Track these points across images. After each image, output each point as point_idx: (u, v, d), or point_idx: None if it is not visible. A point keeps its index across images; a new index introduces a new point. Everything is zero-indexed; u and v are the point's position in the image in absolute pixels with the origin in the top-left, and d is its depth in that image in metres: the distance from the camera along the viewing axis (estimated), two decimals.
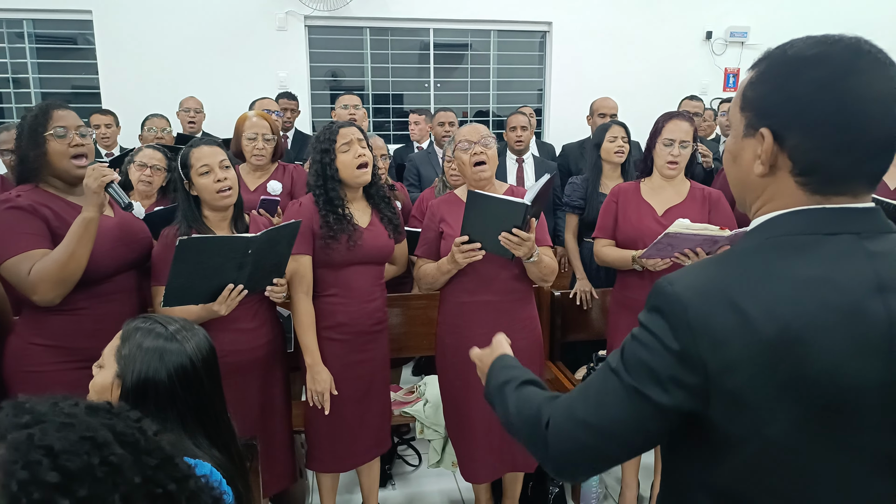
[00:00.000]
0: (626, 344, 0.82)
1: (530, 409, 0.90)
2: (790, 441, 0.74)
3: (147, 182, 2.67)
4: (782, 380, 0.72)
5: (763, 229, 0.81)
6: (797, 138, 0.77)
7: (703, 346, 0.73)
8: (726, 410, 0.75)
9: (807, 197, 0.79)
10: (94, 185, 1.70)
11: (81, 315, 1.82)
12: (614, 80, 5.23)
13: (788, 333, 0.71)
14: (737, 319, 0.73)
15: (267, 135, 2.72)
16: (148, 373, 1.16)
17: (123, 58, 4.90)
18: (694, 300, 0.75)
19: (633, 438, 0.80)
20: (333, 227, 2.04)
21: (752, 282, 0.75)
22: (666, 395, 0.76)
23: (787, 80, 0.77)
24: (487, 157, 2.08)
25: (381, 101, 5.58)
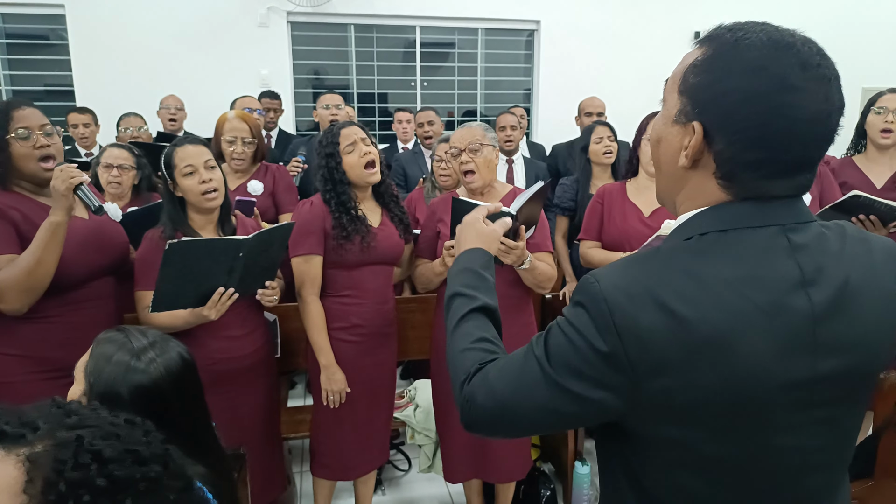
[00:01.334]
0: (550, 333, 0.79)
1: (462, 361, 0.88)
2: (718, 443, 0.74)
3: (116, 183, 2.57)
4: (711, 381, 0.70)
5: (688, 227, 0.78)
6: (722, 143, 0.74)
7: (630, 348, 0.71)
8: (653, 412, 0.74)
9: (726, 196, 0.76)
10: (62, 188, 1.61)
11: (52, 323, 1.74)
12: (602, 79, 5.23)
13: (717, 334, 0.70)
14: (666, 321, 0.71)
15: (247, 138, 2.65)
16: (110, 390, 1.11)
17: (98, 54, 4.76)
18: (621, 301, 0.72)
19: (545, 422, 0.80)
20: (347, 228, 2.00)
21: (680, 283, 0.72)
22: (589, 391, 0.75)
23: (727, 76, 0.72)
24: (476, 164, 2.04)
25: (367, 101, 5.51)
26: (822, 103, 0.71)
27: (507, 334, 2.10)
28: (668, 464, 0.77)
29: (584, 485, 2.55)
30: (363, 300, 2.08)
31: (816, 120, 0.71)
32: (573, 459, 2.58)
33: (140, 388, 1.11)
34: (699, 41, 0.79)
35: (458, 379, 0.86)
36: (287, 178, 2.89)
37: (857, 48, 5.86)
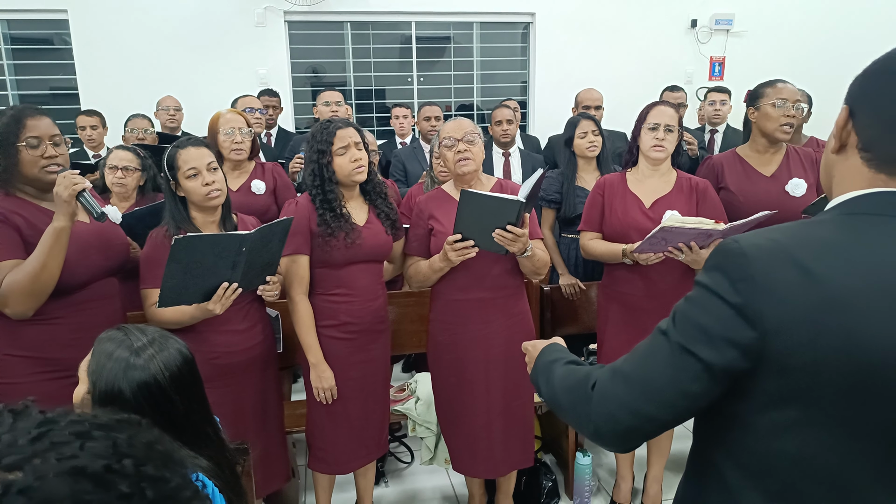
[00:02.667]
0: (678, 306, 0.84)
1: (577, 375, 0.92)
2: (835, 406, 0.75)
3: (121, 184, 2.61)
4: (837, 343, 0.73)
5: (834, 209, 0.83)
6: (862, 113, 0.82)
7: (764, 299, 0.75)
8: (778, 369, 0.76)
9: (871, 174, 0.81)
10: (65, 195, 1.64)
11: (58, 325, 1.77)
12: (599, 70, 5.22)
13: (847, 295, 0.73)
14: (800, 277, 0.74)
15: (243, 128, 2.65)
16: (112, 388, 1.13)
17: (101, 57, 4.81)
18: (758, 255, 0.77)
19: (674, 399, 0.80)
20: (331, 226, 2.02)
21: (816, 246, 0.77)
22: (716, 353, 0.77)
23: (873, 68, 0.82)
24: (472, 153, 2.07)
25: (364, 97, 5.52)
26: None
27: (504, 322, 2.16)
28: (772, 431, 0.79)
29: (585, 475, 2.58)
30: (353, 298, 2.10)
31: None
32: (574, 450, 2.61)
33: (141, 385, 1.13)
34: None
35: (581, 387, 0.88)
36: (285, 177, 2.91)
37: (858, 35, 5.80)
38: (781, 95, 2.37)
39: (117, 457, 0.54)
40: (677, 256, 2.09)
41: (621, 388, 0.83)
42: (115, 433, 0.58)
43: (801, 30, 5.68)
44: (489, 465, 2.23)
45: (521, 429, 2.23)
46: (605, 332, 2.42)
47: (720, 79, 5.69)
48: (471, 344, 2.14)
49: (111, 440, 0.55)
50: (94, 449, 0.54)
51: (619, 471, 2.61)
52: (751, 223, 2.02)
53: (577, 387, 0.90)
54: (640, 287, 2.27)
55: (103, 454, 0.53)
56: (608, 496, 2.67)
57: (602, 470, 2.87)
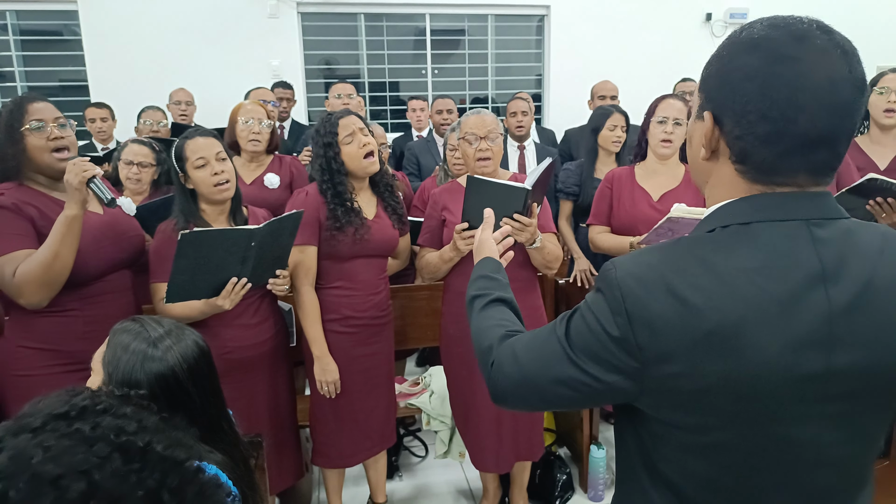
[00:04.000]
0: (573, 315, 0.83)
1: (485, 340, 0.94)
2: (726, 430, 0.74)
3: (136, 179, 2.60)
4: (719, 370, 0.71)
5: (711, 219, 0.79)
6: (729, 124, 0.75)
7: (640, 333, 0.73)
8: (662, 397, 0.76)
9: (747, 185, 0.77)
10: (76, 181, 1.63)
11: (71, 317, 1.77)
12: (613, 63, 5.17)
13: (727, 324, 0.70)
14: (676, 308, 0.72)
15: (263, 119, 2.64)
16: (129, 380, 1.12)
17: (111, 49, 4.80)
18: (633, 287, 0.74)
19: (561, 398, 0.83)
20: (341, 220, 2.01)
21: (693, 271, 0.73)
22: (603, 373, 0.78)
23: (726, 63, 0.76)
24: (493, 152, 2.05)
25: (378, 89, 5.50)
26: (824, 71, 0.70)
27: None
28: (678, 447, 0.78)
29: (599, 468, 2.56)
30: (354, 292, 2.09)
31: (820, 88, 0.70)
32: (589, 443, 2.59)
33: (158, 376, 1.12)
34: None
35: (486, 356, 0.91)
36: (302, 170, 2.89)
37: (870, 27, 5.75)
38: None
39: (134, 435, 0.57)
40: None
41: (516, 375, 0.86)
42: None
43: None
44: (499, 459, 2.23)
45: (528, 423, 2.21)
46: None
47: None
48: None
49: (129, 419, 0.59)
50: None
51: None
52: None
53: (484, 353, 0.92)
54: None
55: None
56: None
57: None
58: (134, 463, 0.55)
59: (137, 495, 0.54)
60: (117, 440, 0.56)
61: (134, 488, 0.54)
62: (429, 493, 2.66)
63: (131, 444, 0.57)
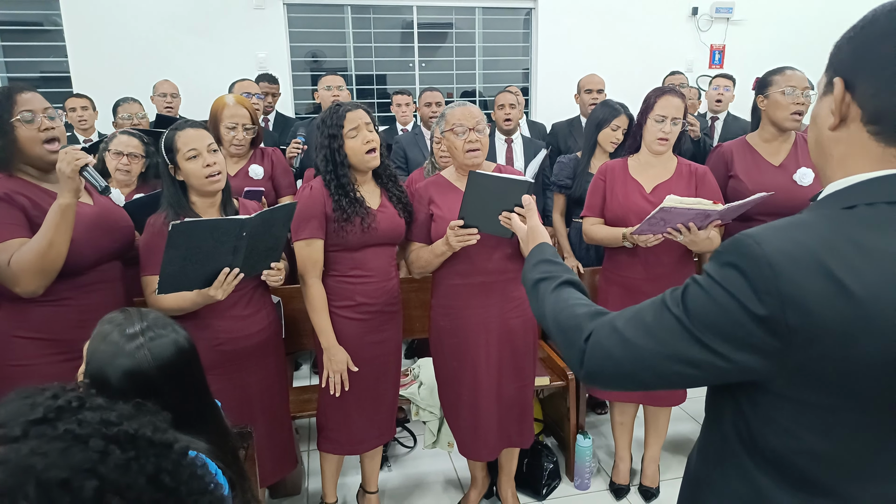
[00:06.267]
0: (689, 291, 0.80)
1: (570, 318, 0.91)
2: (860, 412, 0.74)
3: (125, 171, 2.58)
4: (870, 354, 0.70)
5: (850, 194, 0.77)
6: (868, 84, 0.76)
7: (792, 314, 0.71)
8: (800, 379, 0.74)
9: (881, 149, 0.76)
10: (68, 170, 1.63)
11: (65, 306, 1.77)
12: (600, 57, 5.20)
13: (883, 308, 0.69)
14: (833, 290, 0.70)
15: (247, 124, 2.64)
16: (100, 371, 1.13)
17: (93, 40, 4.72)
18: (786, 266, 0.72)
19: (673, 376, 0.80)
20: (347, 211, 2.02)
21: (848, 252, 0.71)
22: (733, 352, 0.75)
23: (859, 31, 0.78)
24: (482, 143, 2.06)
25: (365, 82, 5.49)
26: None
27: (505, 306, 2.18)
28: (801, 424, 0.77)
29: (585, 457, 2.60)
30: (368, 279, 2.10)
31: None
32: (575, 433, 2.63)
33: (126, 372, 1.12)
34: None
35: (573, 333, 0.88)
36: (283, 162, 2.90)
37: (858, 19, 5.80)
38: (791, 83, 2.36)
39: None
40: (676, 237, 2.11)
41: (619, 351, 0.82)
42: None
43: (799, 19, 5.67)
44: (489, 447, 2.26)
45: (519, 411, 2.24)
46: None
47: (720, 67, 5.68)
48: (471, 328, 2.15)
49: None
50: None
51: (617, 452, 2.64)
52: (748, 205, 2.04)
53: (570, 330, 0.89)
54: (639, 271, 2.32)
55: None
56: (608, 477, 2.70)
57: (602, 451, 2.90)
58: (130, 451, 0.56)
59: (142, 482, 0.55)
60: (109, 432, 0.57)
61: (137, 475, 0.55)
62: (418, 483, 2.69)
63: (123, 434, 0.58)
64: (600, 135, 2.92)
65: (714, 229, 2.17)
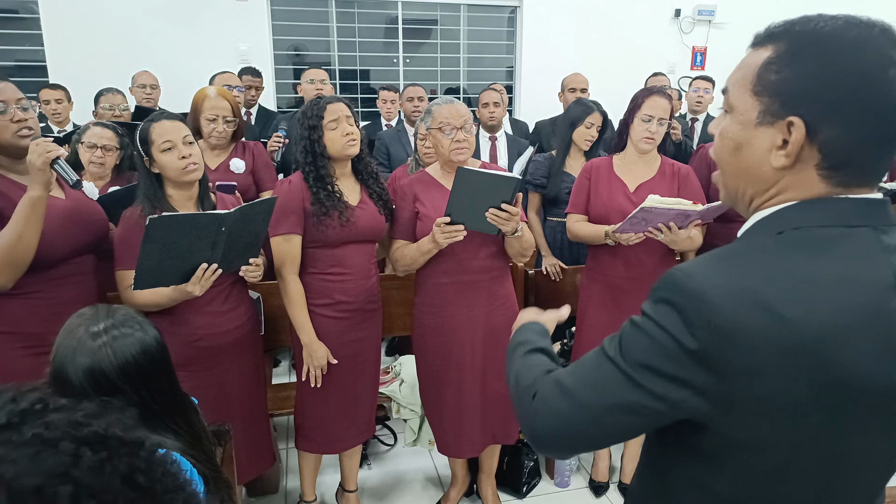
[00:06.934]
0: (625, 333, 0.77)
1: (527, 378, 0.86)
2: (805, 444, 0.72)
3: (99, 163, 2.53)
4: (815, 384, 0.68)
5: (776, 220, 0.74)
6: (835, 131, 0.69)
7: (726, 348, 0.68)
8: (741, 413, 0.70)
9: (829, 189, 0.73)
10: (39, 162, 1.61)
11: (36, 299, 1.74)
12: (585, 56, 5.21)
13: (823, 336, 0.67)
14: (768, 321, 0.67)
15: (228, 116, 2.60)
16: (61, 367, 1.11)
17: (71, 28, 4.61)
18: (718, 299, 0.68)
19: (617, 426, 0.76)
20: (325, 204, 2.00)
21: (782, 282, 0.69)
22: (670, 390, 0.72)
23: (825, 64, 0.69)
24: (469, 142, 2.06)
25: (349, 77, 5.44)
26: None
27: (489, 304, 2.16)
28: (745, 463, 0.74)
29: None
30: (347, 276, 2.08)
31: None
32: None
33: (85, 370, 1.10)
34: (760, 41, 0.76)
35: (526, 393, 0.84)
36: (265, 156, 2.87)
37: None
38: None
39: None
40: (657, 236, 2.14)
41: (563, 405, 0.78)
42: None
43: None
44: (472, 444, 2.25)
45: (503, 408, 2.24)
46: (586, 312, 2.47)
47: (701, 68, 5.74)
48: (456, 327, 2.14)
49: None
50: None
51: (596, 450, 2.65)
52: (726, 205, 2.05)
53: (524, 391, 0.84)
54: (621, 269, 2.34)
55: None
56: (587, 474, 2.71)
57: None
58: (102, 452, 0.54)
59: (116, 482, 0.53)
60: (78, 433, 0.55)
61: (111, 476, 0.53)
62: (398, 482, 2.68)
63: (93, 434, 0.56)
64: (575, 133, 2.93)
65: (696, 229, 2.19)
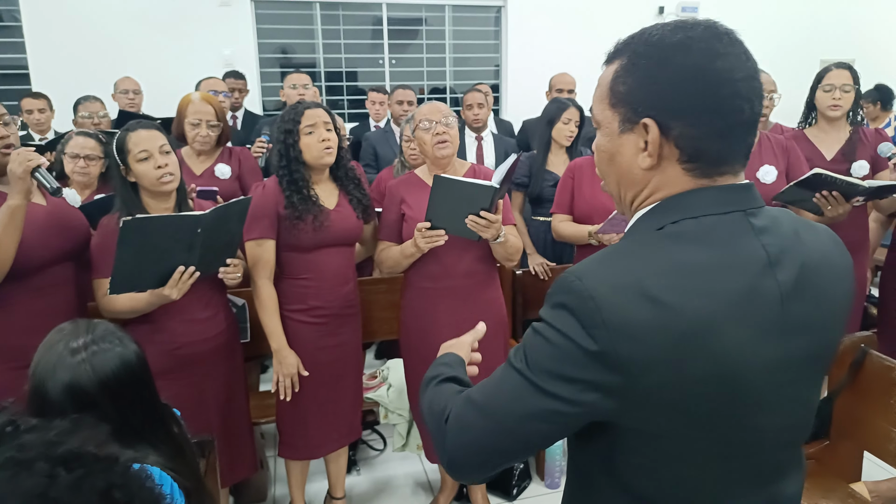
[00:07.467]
0: (528, 341, 0.77)
1: (439, 403, 0.86)
2: (707, 430, 0.74)
3: (84, 173, 2.51)
4: (700, 370, 0.70)
5: (654, 216, 0.78)
6: (681, 126, 0.74)
7: (623, 344, 0.69)
8: (644, 410, 0.72)
9: (694, 181, 0.77)
10: (20, 171, 1.60)
11: (13, 310, 1.72)
12: (570, 55, 5.20)
13: (703, 321, 0.70)
14: (656, 312, 0.69)
15: (212, 121, 2.59)
16: (41, 383, 1.10)
17: (54, 35, 4.60)
18: (608, 296, 0.70)
19: (533, 436, 0.77)
20: (298, 208, 1.98)
21: (664, 272, 0.71)
22: (578, 394, 0.72)
23: (660, 68, 0.75)
24: (450, 136, 2.04)
25: (335, 79, 5.42)
26: (747, 62, 0.75)
27: (476, 308, 2.16)
28: (656, 455, 0.77)
29: (556, 456, 2.60)
30: (321, 282, 2.07)
31: (749, 77, 0.75)
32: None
33: (65, 386, 1.10)
34: (609, 58, 0.81)
35: (440, 417, 0.83)
36: (251, 161, 2.85)
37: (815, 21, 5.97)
38: None
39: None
40: None
41: (475, 420, 0.78)
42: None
43: (759, 18, 5.79)
44: None
45: None
46: None
47: None
48: (442, 331, 2.11)
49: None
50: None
51: None
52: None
53: (438, 415, 0.84)
54: None
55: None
56: None
57: None
58: (78, 470, 0.54)
59: (94, 499, 0.54)
60: (52, 453, 0.55)
61: (89, 494, 0.54)
62: (387, 487, 2.66)
63: (67, 453, 0.56)
64: (554, 130, 2.93)
65: None
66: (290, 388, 2.04)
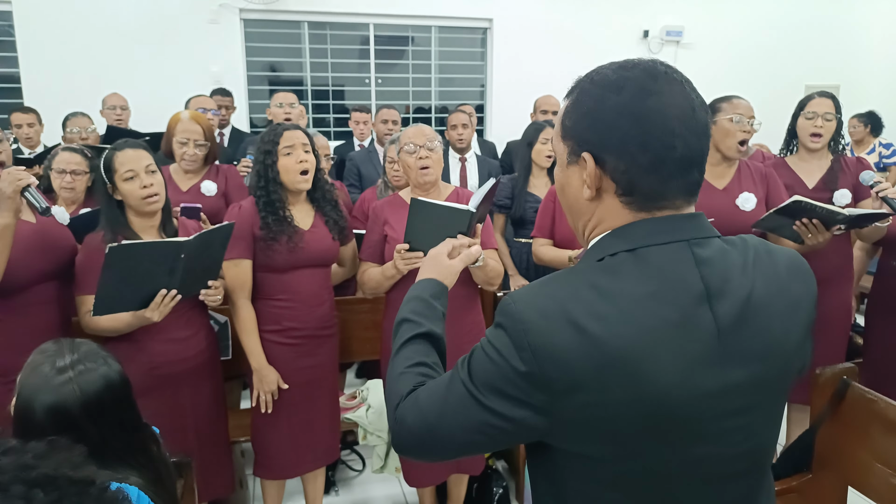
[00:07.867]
0: (473, 355, 0.82)
1: (398, 379, 0.90)
2: (636, 458, 0.76)
3: (70, 188, 2.51)
4: (625, 397, 0.72)
5: (599, 248, 0.81)
6: (613, 161, 0.78)
7: (546, 366, 0.73)
8: (571, 429, 0.76)
9: (632, 215, 0.80)
10: (10, 190, 1.61)
11: None
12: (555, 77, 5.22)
13: (627, 351, 0.72)
14: (578, 338, 0.72)
15: (199, 140, 2.61)
16: (26, 404, 1.10)
17: (46, 51, 4.64)
18: (535, 320, 0.74)
19: (472, 444, 0.81)
20: (273, 229, 2.00)
21: (590, 300, 0.74)
22: (512, 410, 0.76)
23: (595, 106, 0.79)
24: (433, 160, 2.06)
25: (321, 97, 5.46)
26: (683, 100, 0.78)
27: (457, 332, 2.17)
28: (589, 479, 0.79)
29: None
30: (296, 303, 2.08)
31: (684, 115, 0.77)
32: (525, 457, 2.62)
33: (50, 407, 1.10)
34: (566, 95, 0.85)
35: (392, 402, 0.88)
36: (238, 179, 2.86)
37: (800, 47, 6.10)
38: (738, 111, 2.39)
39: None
40: None
41: (419, 425, 0.83)
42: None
43: (744, 43, 5.93)
44: (434, 472, 2.24)
45: None
46: None
47: None
48: None
49: None
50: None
51: None
52: None
53: (392, 395, 0.89)
54: None
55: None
56: None
57: None
58: (53, 492, 0.55)
59: None
60: (28, 476, 0.56)
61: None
62: None
63: (42, 476, 0.56)
64: (533, 151, 2.96)
65: None
66: (271, 403, 2.05)
